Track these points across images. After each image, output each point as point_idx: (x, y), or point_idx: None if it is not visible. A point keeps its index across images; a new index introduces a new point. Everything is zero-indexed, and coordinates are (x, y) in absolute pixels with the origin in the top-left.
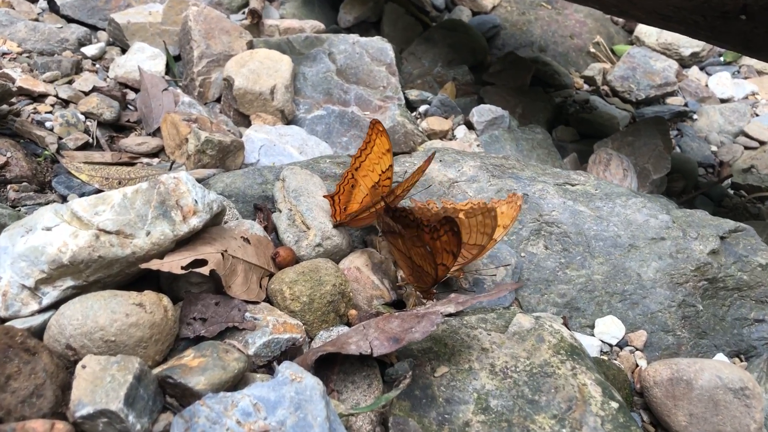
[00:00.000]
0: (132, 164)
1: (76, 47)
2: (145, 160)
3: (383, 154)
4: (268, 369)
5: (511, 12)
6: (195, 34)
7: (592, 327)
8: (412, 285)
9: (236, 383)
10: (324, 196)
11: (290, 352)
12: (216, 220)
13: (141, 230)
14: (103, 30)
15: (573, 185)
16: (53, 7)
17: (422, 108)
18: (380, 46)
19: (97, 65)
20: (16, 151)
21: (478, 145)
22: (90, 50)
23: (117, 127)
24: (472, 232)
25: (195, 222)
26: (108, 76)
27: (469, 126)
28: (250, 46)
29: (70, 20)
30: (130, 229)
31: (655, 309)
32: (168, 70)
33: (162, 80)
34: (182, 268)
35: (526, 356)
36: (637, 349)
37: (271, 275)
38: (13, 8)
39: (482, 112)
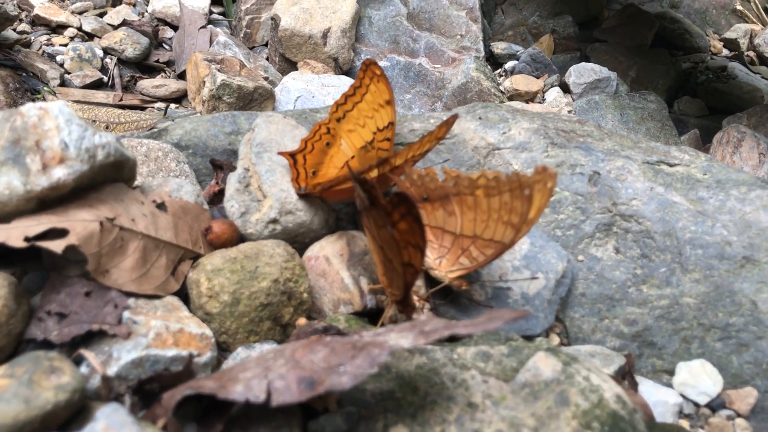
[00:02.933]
0: (142, 108)
1: None
2: (161, 105)
3: (380, 105)
4: (139, 394)
5: None
6: None
7: (672, 374)
8: (386, 291)
9: (49, 425)
10: (280, 153)
11: (176, 376)
12: (109, 174)
13: None
14: None
15: (671, 165)
16: None
17: (509, 64)
18: None
19: None
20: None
21: (569, 112)
22: None
23: (144, 67)
24: (491, 220)
25: (61, 174)
26: (146, 11)
27: (565, 89)
28: None
29: None
30: None
31: None
32: (223, 7)
33: (202, 17)
34: (26, 239)
35: (534, 427)
36: (739, 415)
37: (196, 258)
38: None
39: (582, 72)
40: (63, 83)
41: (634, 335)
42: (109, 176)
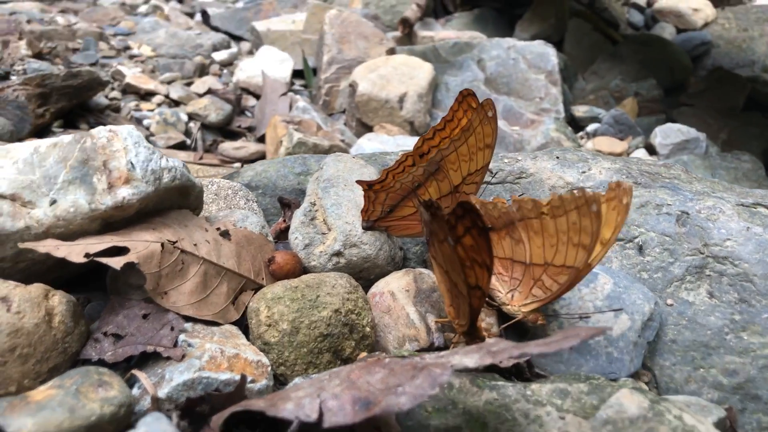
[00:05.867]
0: (221, 167)
1: (209, 53)
2: (239, 165)
3: (479, 149)
4: (188, 416)
5: (729, 29)
6: (328, 38)
7: None
8: (453, 322)
9: None
10: (358, 182)
11: (227, 397)
12: (175, 199)
13: (44, 197)
14: (248, 41)
15: None
16: (206, 20)
17: (591, 127)
18: (541, 50)
19: (224, 70)
20: None
21: None
22: (220, 55)
23: (226, 132)
24: (560, 244)
25: (126, 193)
26: (231, 81)
27: (651, 150)
28: (391, 53)
29: (218, 31)
30: (29, 194)
31: None
32: (304, 78)
33: (283, 85)
34: (86, 255)
35: None
36: None
37: (258, 289)
38: (169, 20)
39: (668, 133)
40: None
41: (735, 387)
42: (175, 202)
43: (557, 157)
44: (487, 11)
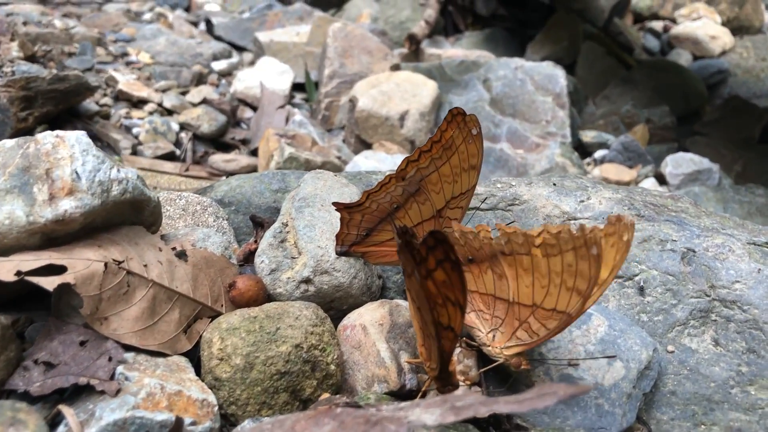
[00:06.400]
0: (208, 180)
1: (208, 62)
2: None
3: (463, 170)
4: None
5: (747, 58)
6: (330, 52)
7: None
8: (425, 365)
9: None
10: (334, 205)
11: None
12: (127, 214)
13: None
14: (251, 52)
15: None
16: (210, 29)
17: (598, 153)
18: (549, 72)
19: (222, 80)
20: None
21: None
22: (219, 65)
23: (219, 144)
24: (552, 286)
25: (68, 206)
26: (228, 91)
27: (661, 180)
28: (396, 69)
29: (221, 41)
30: None
31: None
32: (305, 92)
33: (281, 98)
34: (17, 273)
35: None
36: None
37: (216, 317)
38: (172, 28)
39: (680, 162)
40: (135, 153)
41: None
42: (128, 217)
43: (554, 184)
44: (498, 31)
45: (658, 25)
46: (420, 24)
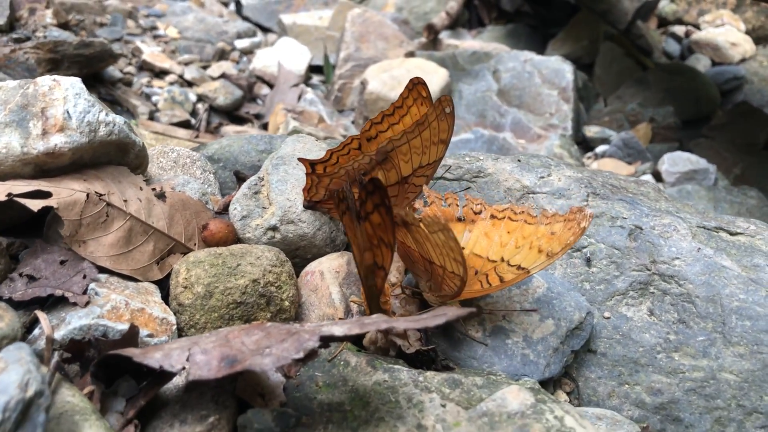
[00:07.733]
0: None
1: (232, 40)
2: None
3: (433, 143)
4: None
5: (766, 66)
6: (347, 36)
7: None
8: (364, 305)
9: None
10: (300, 160)
11: (115, 344)
12: (113, 154)
13: None
14: (275, 33)
15: (732, 234)
16: (239, 10)
17: (600, 148)
18: (557, 66)
19: (243, 58)
20: None
21: None
22: (242, 43)
23: (234, 117)
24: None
25: (58, 141)
26: (247, 68)
27: (657, 177)
28: (410, 56)
29: (248, 21)
30: None
31: None
32: (323, 74)
33: (296, 77)
34: (8, 195)
35: None
36: None
37: (187, 253)
38: (203, 6)
39: (677, 161)
40: (151, 119)
41: (657, 407)
42: (114, 157)
43: (519, 160)
44: (521, 27)
45: (680, 29)
46: (440, 15)
